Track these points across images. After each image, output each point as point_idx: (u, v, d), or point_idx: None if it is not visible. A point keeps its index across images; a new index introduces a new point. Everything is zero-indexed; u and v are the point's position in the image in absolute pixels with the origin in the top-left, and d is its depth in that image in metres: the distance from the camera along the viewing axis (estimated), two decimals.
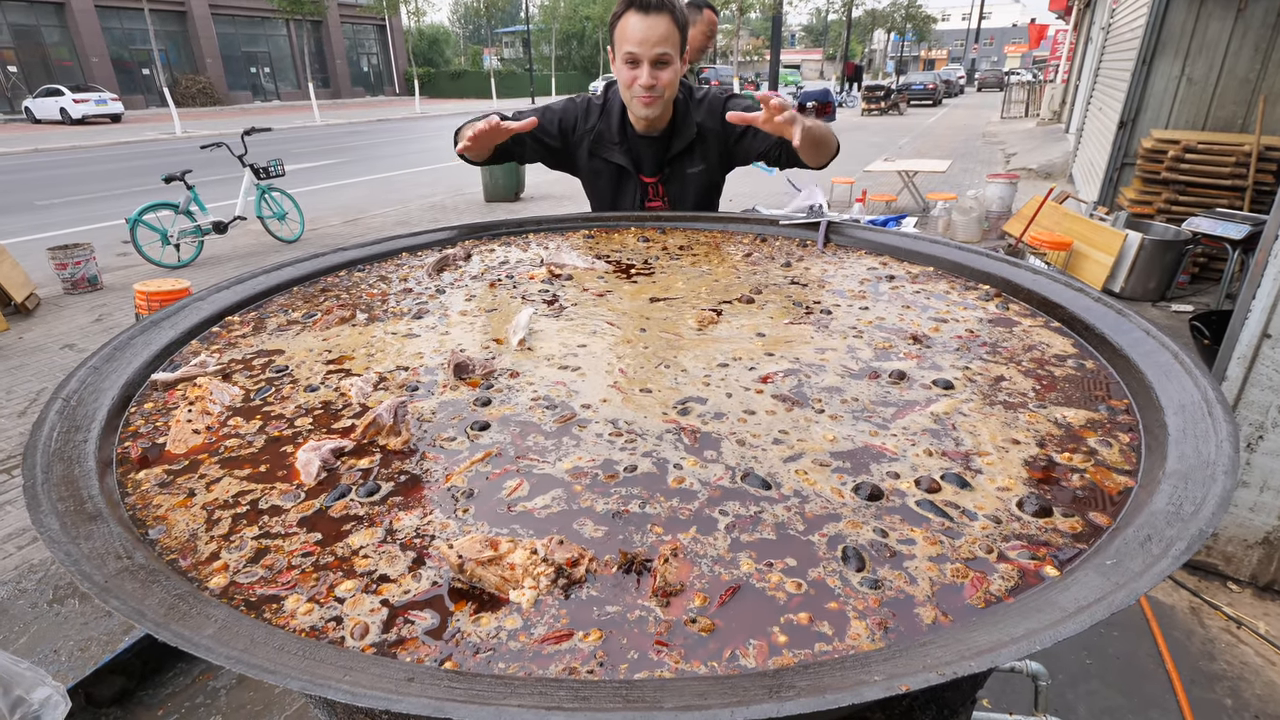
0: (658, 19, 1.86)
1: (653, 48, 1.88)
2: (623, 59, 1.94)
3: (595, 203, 2.32)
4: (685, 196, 2.22)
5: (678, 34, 1.91)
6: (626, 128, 2.13)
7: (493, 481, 0.88)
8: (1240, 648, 2.37)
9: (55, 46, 32.59)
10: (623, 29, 1.91)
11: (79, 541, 0.71)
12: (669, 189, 2.21)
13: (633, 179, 2.18)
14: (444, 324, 1.42)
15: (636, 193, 2.20)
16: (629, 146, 2.14)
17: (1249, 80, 6.14)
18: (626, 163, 2.14)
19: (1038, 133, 18.72)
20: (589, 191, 2.31)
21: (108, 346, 1.20)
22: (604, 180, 2.21)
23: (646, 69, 1.91)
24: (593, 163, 2.19)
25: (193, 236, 7.27)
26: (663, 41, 1.88)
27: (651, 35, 1.87)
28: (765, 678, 0.55)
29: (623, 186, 2.20)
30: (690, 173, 2.18)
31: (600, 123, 2.14)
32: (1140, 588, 0.59)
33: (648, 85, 1.93)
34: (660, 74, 1.93)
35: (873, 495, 0.83)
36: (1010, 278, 1.51)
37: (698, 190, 2.23)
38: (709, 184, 2.25)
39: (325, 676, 0.54)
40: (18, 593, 2.45)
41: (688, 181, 2.20)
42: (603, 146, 2.15)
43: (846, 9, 47.89)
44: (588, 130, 2.16)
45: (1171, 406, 0.94)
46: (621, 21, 1.91)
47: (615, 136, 2.12)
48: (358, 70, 47.32)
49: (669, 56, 1.91)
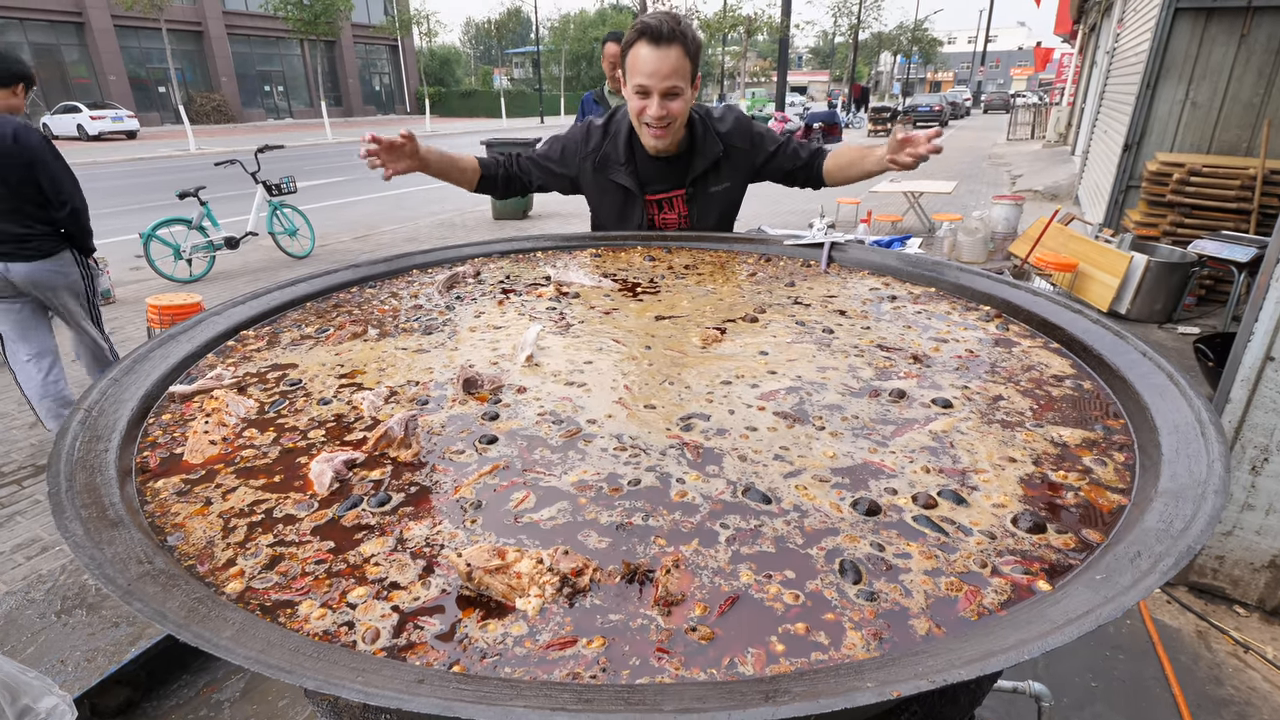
0: (669, 51, 1.88)
1: (664, 80, 1.90)
2: (634, 89, 1.96)
3: (600, 220, 2.34)
4: (709, 214, 2.25)
5: (688, 65, 1.93)
6: (635, 150, 2.15)
7: (500, 493, 0.91)
8: (1248, 672, 2.35)
9: (74, 64, 33.23)
10: (634, 59, 1.92)
11: (102, 547, 0.74)
12: (692, 208, 2.23)
13: (638, 200, 2.20)
14: (453, 340, 1.45)
15: (642, 213, 2.23)
16: (635, 168, 2.17)
17: (1253, 104, 6.18)
18: (632, 184, 2.17)
19: (1043, 155, 18.81)
20: (595, 212, 2.34)
21: (127, 359, 1.23)
22: (609, 199, 2.24)
23: (657, 100, 1.93)
24: (598, 182, 2.22)
25: (205, 251, 7.37)
26: (673, 74, 1.90)
27: (663, 68, 1.88)
28: (762, 683, 0.57)
29: (628, 207, 2.23)
30: (714, 191, 2.20)
31: (607, 145, 2.17)
32: (1127, 601, 0.61)
33: (658, 116, 1.95)
34: (671, 105, 1.95)
35: (870, 510, 0.85)
36: (1010, 299, 1.53)
37: (720, 208, 2.25)
38: (730, 202, 2.28)
39: (339, 677, 0.56)
40: (26, 602, 2.48)
41: (712, 200, 2.22)
42: (608, 168, 2.18)
43: (853, 32, 48.45)
44: (590, 152, 2.19)
45: (1166, 427, 0.96)
46: (633, 51, 1.92)
47: (621, 158, 2.15)
48: (369, 89, 48.02)
49: (679, 89, 1.93)
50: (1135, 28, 8.47)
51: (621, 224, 2.27)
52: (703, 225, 2.26)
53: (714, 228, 2.28)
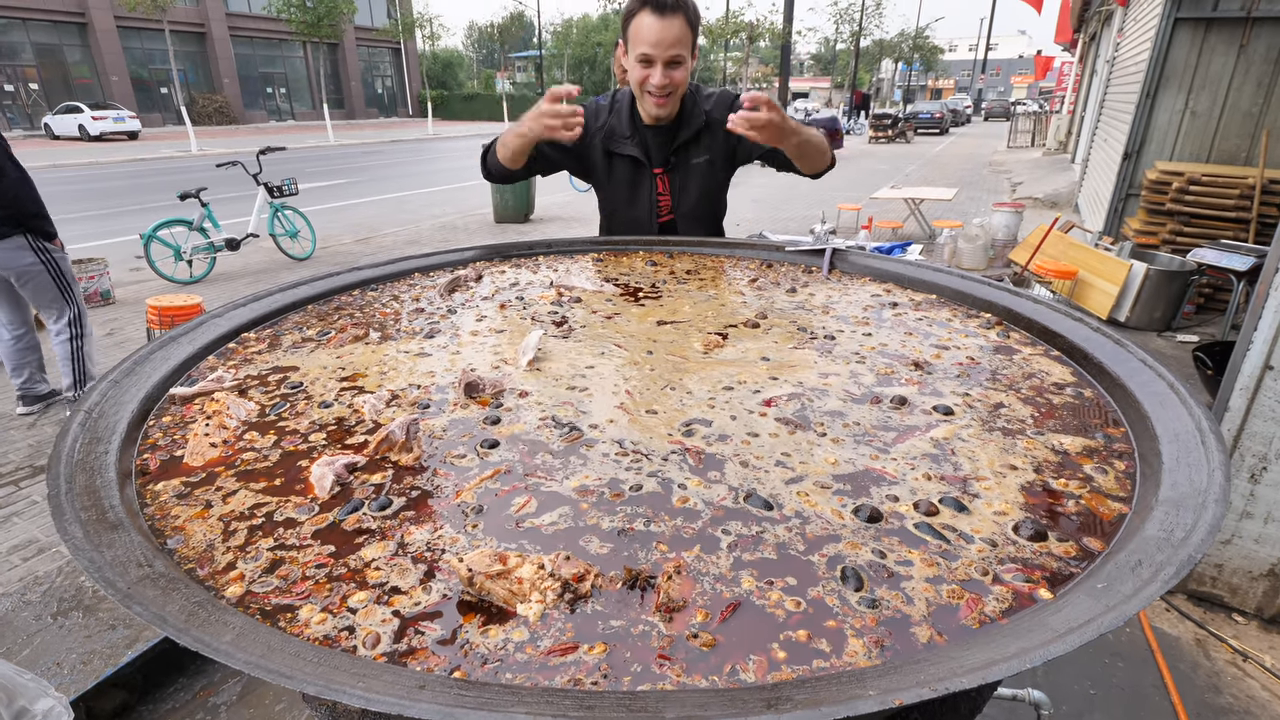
0: (672, 20, 1.89)
1: (667, 49, 1.92)
2: (636, 58, 1.96)
3: (610, 202, 2.32)
4: (689, 189, 2.23)
5: (690, 34, 1.94)
6: (636, 120, 2.17)
7: (502, 498, 0.90)
8: (1247, 681, 2.35)
9: (76, 65, 33.30)
10: (637, 28, 1.93)
11: (102, 549, 0.74)
12: (674, 180, 2.22)
13: (647, 171, 2.20)
14: (455, 344, 1.45)
15: (650, 187, 2.22)
16: (640, 139, 2.17)
17: (1252, 114, 6.20)
18: (639, 154, 2.17)
19: (1044, 162, 18.86)
20: (603, 193, 2.32)
21: (128, 360, 1.23)
22: (619, 175, 2.23)
23: (660, 69, 1.95)
24: (607, 160, 2.22)
25: (205, 253, 7.37)
26: (677, 43, 1.92)
27: (666, 36, 1.90)
28: (764, 691, 0.57)
29: (638, 180, 2.23)
30: (695, 163, 2.20)
31: (612, 119, 2.18)
32: (1129, 610, 0.61)
33: (661, 85, 1.97)
34: (673, 74, 1.96)
35: (872, 517, 0.85)
36: (1011, 306, 1.53)
37: (701, 184, 2.23)
38: (714, 182, 2.26)
39: (340, 682, 0.56)
40: (22, 604, 2.47)
41: (692, 172, 2.21)
42: (615, 141, 2.18)
43: (854, 39, 48.58)
44: (599, 128, 2.19)
45: (1166, 435, 0.96)
46: (636, 20, 1.93)
47: (626, 130, 2.16)
48: (372, 92, 48.12)
49: (682, 57, 1.95)
50: (1135, 37, 8.50)
51: (632, 201, 2.26)
52: (682, 206, 2.24)
53: (695, 210, 2.26)
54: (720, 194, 2.32)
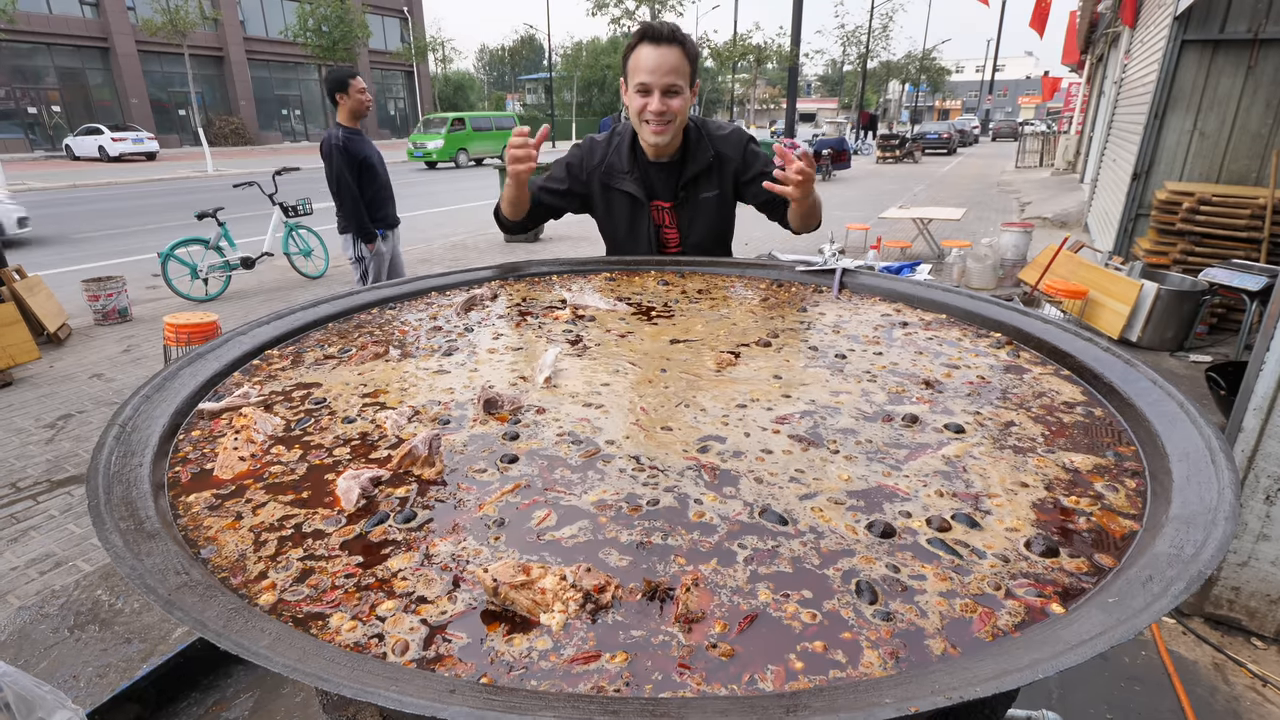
0: (669, 50, 1.96)
1: (664, 77, 1.97)
2: (635, 88, 2.03)
3: (610, 236, 2.36)
4: (697, 223, 2.26)
5: (688, 66, 2.00)
6: (638, 156, 2.20)
7: (522, 511, 0.93)
8: (1267, 706, 2.32)
9: (98, 88, 34.07)
10: (635, 60, 2.00)
11: (141, 558, 0.76)
12: (681, 214, 2.25)
13: (645, 208, 2.23)
14: (473, 361, 1.48)
15: (650, 222, 2.25)
16: (641, 175, 2.21)
17: (1261, 135, 6.22)
18: (638, 191, 2.20)
19: (1052, 182, 18.89)
20: (604, 227, 2.36)
21: (158, 376, 1.27)
22: (617, 210, 2.27)
23: (657, 96, 2.00)
24: (606, 195, 2.26)
25: (221, 271, 7.49)
26: (673, 72, 1.97)
27: (663, 65, 1.96)
28: (782, 699, 0.59)
29: (636, 216, 2.26)
30: (704, 198, 2.23)
31: (611, 155, 2.22)
32: (1140, 624, 0.62)
33: (658, 111, 2.01)
34: (671, 101, 2.01)
35: (885, 533, 0.87)
36: (1021, 326, 1.55)
37: (709, 219, 2.26)
38: (721, 217, 2.29)
39: (374, 685, 0.58)
40: (40, 617, 2.50)
41: (701, 207, 2.24)
42: (614, 177, 2.22)
43: (862, 61, 49.02)
44: (596, 165, 2.23)
45: (1176, 454, 0.97)
46: (635, 53, 2.00)
47: (625, 166, 2.19)
48: (385, 113, 48.84)
49: (679, 86, 2.00)
50: (1142, 59, 8.55)
51: (632, 237, 2.29)
52: (692, 236, 2.27)
53: (704, 243, 2.29)
54: (728, 226, 2.37)
